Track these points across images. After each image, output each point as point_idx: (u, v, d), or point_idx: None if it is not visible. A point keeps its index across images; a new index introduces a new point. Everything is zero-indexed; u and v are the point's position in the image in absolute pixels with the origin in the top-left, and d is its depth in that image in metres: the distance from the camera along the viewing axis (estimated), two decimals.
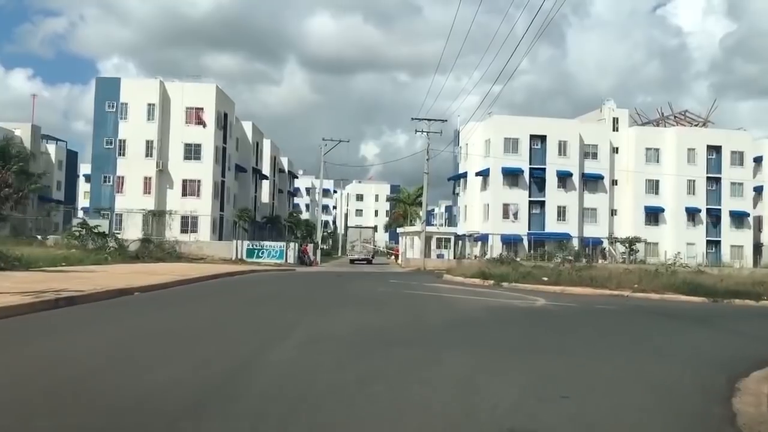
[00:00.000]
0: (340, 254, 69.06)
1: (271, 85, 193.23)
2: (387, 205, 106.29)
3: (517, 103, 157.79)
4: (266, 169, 70.48)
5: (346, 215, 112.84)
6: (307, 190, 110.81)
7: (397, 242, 68.57)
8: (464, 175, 58.49)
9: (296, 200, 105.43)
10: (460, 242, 53.75)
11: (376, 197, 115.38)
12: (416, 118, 45.36)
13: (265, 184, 71.25)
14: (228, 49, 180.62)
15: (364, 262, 51.97)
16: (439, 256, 50.18)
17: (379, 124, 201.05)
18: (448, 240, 52.16)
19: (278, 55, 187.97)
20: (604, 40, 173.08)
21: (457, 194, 61.45)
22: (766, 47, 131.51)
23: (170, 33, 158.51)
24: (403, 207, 78.49)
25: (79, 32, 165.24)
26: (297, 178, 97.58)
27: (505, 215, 53.46)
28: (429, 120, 45.49)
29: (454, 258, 49.95)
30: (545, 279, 23.89)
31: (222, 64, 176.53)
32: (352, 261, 52.30)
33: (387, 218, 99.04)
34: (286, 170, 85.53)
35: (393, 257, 64.90)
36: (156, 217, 46.59)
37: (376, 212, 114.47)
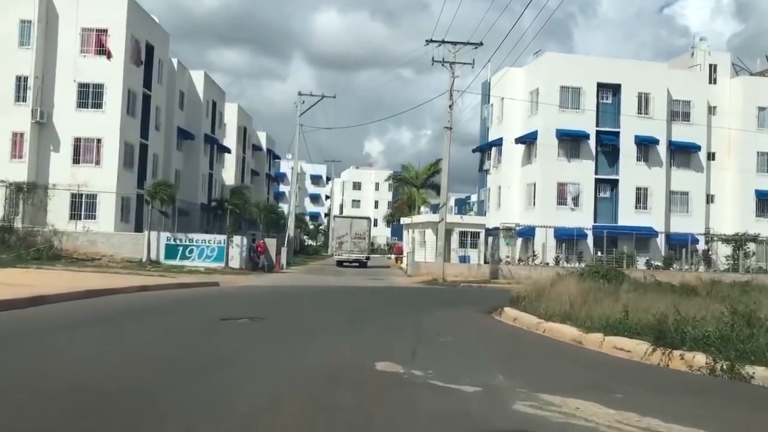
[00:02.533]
0: (330, 252, 53.18)
1: (276, 81, 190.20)
2: (389, 195, 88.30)
3: None
4: (231, 142, 53.92)
5: (341, 205, 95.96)
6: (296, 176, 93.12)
7: (401, 239, 52.10)
8: (497, 143, 41.14)
9: (281, 188, 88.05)
10: (490, 239, 37.16)
11: (377, 186, 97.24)
12: (432, 40, 28.40)
13: (230, 161, 54.64)
14: (234, 45, 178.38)
15: (356, 264, 38.77)
16: (463, 258, 34.10)
17: (385, 121, 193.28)
18: (475, 236, 35.47)
19: (284, 51, 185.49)
20: (610, 40, 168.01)
21: (487, 171, 43.90)
22: None
23: (176, 27, 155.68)
24: (409, 191, 60.42)
25: None
26: (280, 159, 79.88)
27: (561, 200, 36.33)
28: (454, 43, 28.59)
29: (485, 262, 33.50)
30: None
31: (228, 59, 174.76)
32: (339, 263, 39.18)
33: (389, 210, 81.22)
34: (264, 148, 68.56)
35: (395, 258, 48.91)
36: (26, 193, 29.82)
37: (377, 203, 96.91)
